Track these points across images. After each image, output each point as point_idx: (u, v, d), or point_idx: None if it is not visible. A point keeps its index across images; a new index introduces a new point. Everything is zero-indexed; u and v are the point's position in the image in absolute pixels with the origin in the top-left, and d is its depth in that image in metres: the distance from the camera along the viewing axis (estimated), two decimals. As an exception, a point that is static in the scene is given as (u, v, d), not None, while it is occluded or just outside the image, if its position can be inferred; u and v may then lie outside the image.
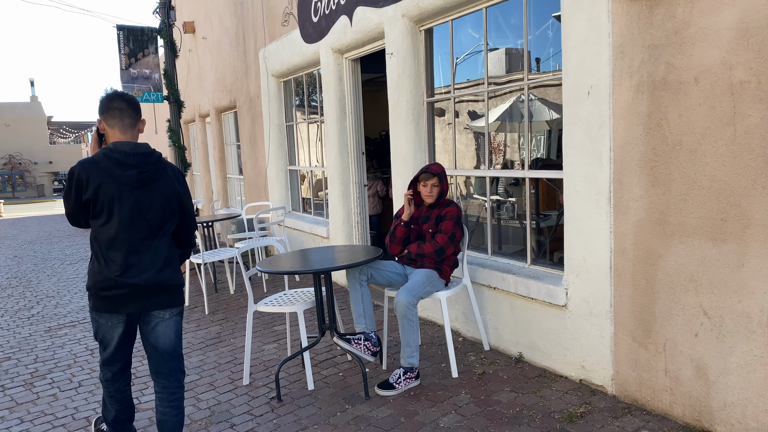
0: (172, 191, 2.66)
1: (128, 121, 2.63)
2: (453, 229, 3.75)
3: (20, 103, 43.32)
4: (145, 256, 2.60)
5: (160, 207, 2.63)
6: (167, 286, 2.65)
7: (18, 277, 8.89)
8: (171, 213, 2.67)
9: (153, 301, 2.63)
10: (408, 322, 3.48)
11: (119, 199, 2.55)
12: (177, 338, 2.76)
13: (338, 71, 6.08)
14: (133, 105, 2.66)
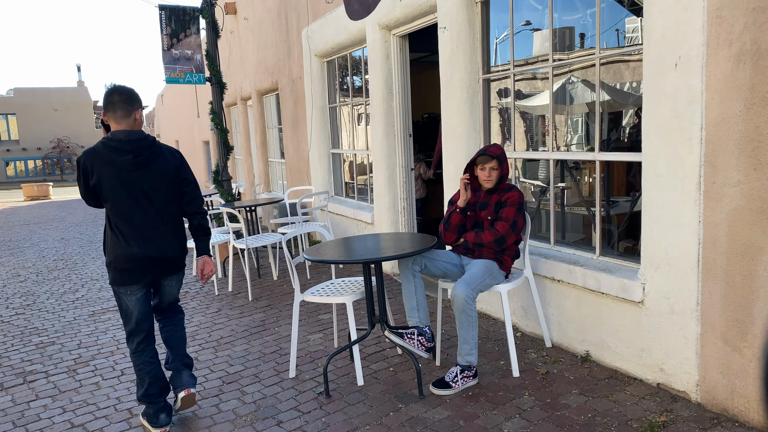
0: (168, 168, 3.02)
1: (121, 113, 2.93)
2: (515, 217, 3.45)
3: (68, 88, 44.37)
4: (154, 231, 3.00)
5: (160, 185, 3.00)
6: (176, 258, 3.11)
7: (64, 259, 8.96)
8: (169, 190, 3.05)
9: (164, 269, 3.09)
10: (466, 317, 3.21)
11: (120, 182, 2.92)
12: (178, 292, 3.32)
13: (385, 49, 5.79)
14: (126, 97, 2.95)
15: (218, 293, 6.02)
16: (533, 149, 4.22)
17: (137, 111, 2.99)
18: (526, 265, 3.68)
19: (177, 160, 3.08)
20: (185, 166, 3.13)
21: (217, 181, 7.90)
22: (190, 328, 4.92)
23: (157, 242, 3.01)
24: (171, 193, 3.06)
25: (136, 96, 3.01)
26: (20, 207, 21.00)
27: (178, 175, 3.07)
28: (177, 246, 3.11)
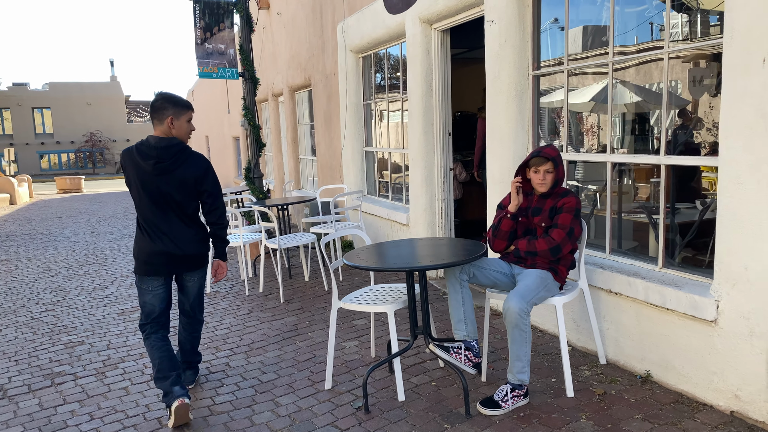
0: (188, 178, 3.20)
1: (156, 120, 3.21)
2: (571, 224, 3.20)
3: (100, 83, 45.04)
4: (170, 231, 3.23)
5: (176, 191, 3.19)
6: (192, 255, 3.31)
7: (95, 254, 8.93)
8: (187, 196, 3.23)
9: (184, 265, 3.32)
10: (520, 333, 2.97)
11: (143, 183, 3.18)
12: (202, 291, 3.52)
13: (425, 44, 5.55)
14: (159, 105, 3.19)
15: (249, 293, 5.86)
16: (587, 151, 3.94)
17: (169, 118, 3.18)
18: (581, 275, 3.42)
19: (200, 171, 3.22)
20: (208, 178, 3.26)
21: (248, 178, 7.76)
22: (221, 331, 4.76)
23: (176, 240, 3.24)
24: (190, 200, 3.25)
25: (169, 102, 3.19)
26: (53, 199, 21.29)
27: (198, 186, 3.24)
28: (197, 244, 3.31)
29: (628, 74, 3.57)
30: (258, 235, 6.12)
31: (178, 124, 3.22)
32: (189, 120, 3.29)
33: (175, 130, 3.21)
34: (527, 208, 3.36)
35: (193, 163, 3.21)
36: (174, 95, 3.26)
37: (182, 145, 3.20)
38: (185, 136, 3.27)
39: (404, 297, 3.40)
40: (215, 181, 3.29)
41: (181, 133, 3.24)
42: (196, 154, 3.25)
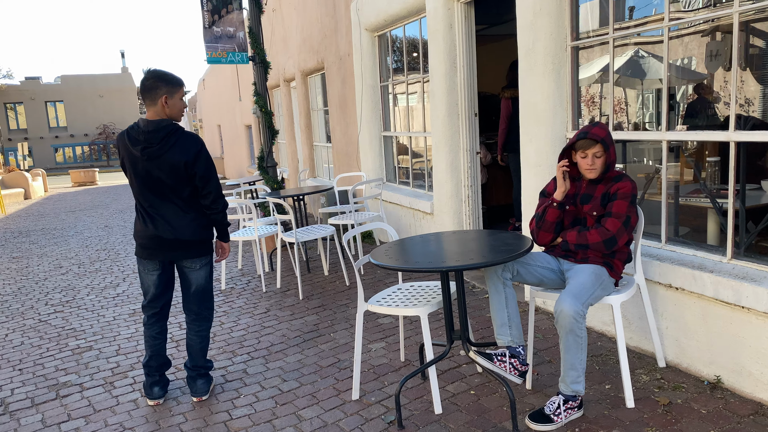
0: (177, 162, 3.00)
1: (148, 100, 3.02)
2: (627, 212, 2.81)
3: (112, 75, 44.95)
4: (164, 216, 3.10)
5: (167, 176, 3.03)
6: (187, 241, 3.14)
7: (107, 249, 8.68)
8: (179, 181, 3.06)
9: (177, 252, 3.16)
10: (575, 338, 2.60)
11: (134, 167, 3.06)
12: (206, 282, 3.31)
13: (448, 18, 5.14)
14: (151, 83, 2.99)
15: (266, 290, 5.54)
16: (636, 128, 3.54)
17: (163, 97, 2.99)
18: (637, 269, 3.03)
19: (190, 154, 3.02)
20: (200, 161, 3.06)
21: (261, 167, 7.42)
22: (237, 332, 4.45)
23: (170, 224, 3.10)
24: (183, 184, 3.07)
25: (162, 81, 2.99)
26: (68, 193, 21.19)
27: (189, 169, 3.04)
28: (192, 229, 3.14)
29: (685, 42, 3.15)
30: (274, 228, 5.79)
31: (173, 102, 3.03)
32: (182, 97, 3.10)
33: (168, 109, 3.03)
34: (575, 195, 2.98)
35: (182, 146, 3.02)
36: (165, 72, 3.04)
37: (172, 127, 3.01)
38: (179, 115, 3.10)
39: (438, 298, 3.04)
40: (208, 164, 3.09)
41: (174, 112, 3.06)
42: (188, 134, 3.06)
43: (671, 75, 3.24)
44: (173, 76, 3.04)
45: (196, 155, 3.04)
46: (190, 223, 3.13)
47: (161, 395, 3.34)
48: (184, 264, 3.22)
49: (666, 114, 3.23)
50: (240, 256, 6.56)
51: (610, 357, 3.37)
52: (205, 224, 3.20)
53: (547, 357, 3.45)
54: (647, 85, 3.51)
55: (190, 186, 3.10)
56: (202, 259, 3.24)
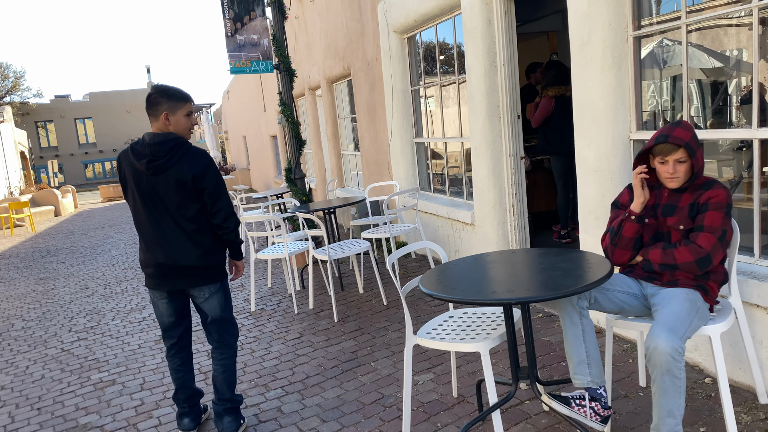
0: (184, 176, 2.78)
1: (151, 116, 2.85)
2: (722, 225, 2.38)
3: (139, 90, 45.46)
4: (168, 239, 2.85)
5: (174, 192, 2.80)
6: (193, 267, 2.88)
7: (134, 267, 8.45)
8: (186, 198, 2.82)
9: (184, 280, 2.90)
10: (672, 380, 2.17)
11: (137, 184, 2.84)
12: (222, 311, 3.02)
13: (486, 13, 4.74)
14: (152, 99, 2.82)
15: (298, 311, 5.20)
16: (717, 126, 3.09)
17: (164, 114, 2.83)
18: (732, 291, 2.59)
19: (198, 168, 2.81)
20: (209, 175, 2.84)
21: (289, 179, 7.10)
22: (270, 362, 4.10)
23: (168, 249, 2.87)
24: (189, 201, 2.84)
25: (164, 96, 2.84)
26: (97, 209, 21.27)
27: (197, 184, 2.83)
28: (194, 254, 2.88)
29: None
30: (304, 245, 5.44)
31: (175, 119, 2.86)
32: (188, 114, 2.91)
33: (171, 126, 2.86)
34: (654, 206, 2.56)
35: (190, 160, 2.82)
36: (169, 87, 2.89)
37: (178, 140, 2.83)
38: (185, 132, 2.92)
39: (499, 329, 2.64)
40: (217, 179, 2.87)
41: (179, 128, 2.89)
42: (196, 149, 2.87)
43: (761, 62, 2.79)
44: (177, 91, 2.87)
45: (205, 169, 2.83)
46: (195, 247, 2.88)
47: (192, 427, 3.15)
48: (192, 293, 2.98)
49: (757, 109, 2.78)
50: (270, 274, 6.23)
51: (698, 391, 2.92)
52: (211, 248, 2.93)
53: (622, 390, 3.02)
54: (720, 75, 3.07)
55: (198, 203, 2.86)
56: (210, 287, 2.97)
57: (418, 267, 6.15)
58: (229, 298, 3.05)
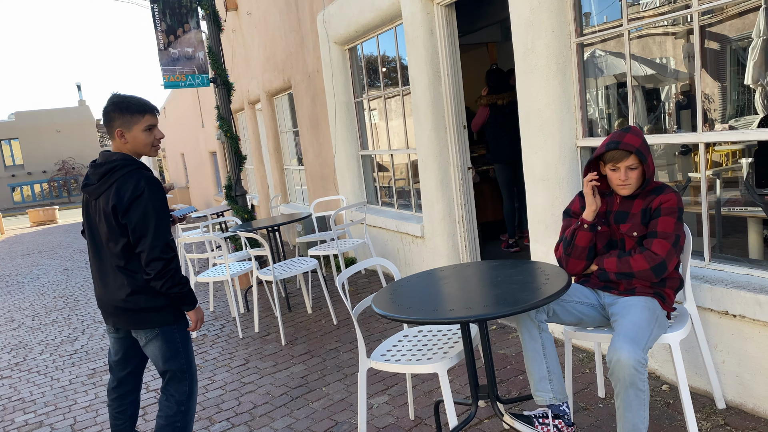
0: (107, 209, 2.40)
1: (108, 133, 2.49)
2: (675, 230, 2.34)
3: (69, 108, 43.64)
4: (101, 271, 2.53)
5: (102, 224, 2.45)
6: (124, 308, 2.48)
7: (65, 296, 7.94)
8: (112, 232, 2.43)
9: (119, 319, 2.53)
10: (636, 393, 2.10)
11: (85, 209, 2.56)
12: (165, 362, 2.54)
13: (428, 22, 4.68)
14: (105, 113, 2.47)
15: (243, 335, 4.94)
16: (659, 131, 3.10)
17: (118, 129, 2.44)
18: (687, 296, 2.56)
19: (122, 199, 2.36)
20: (133, 209, 2.35)
21: (230, 197, 6.84)
22: (213, 392, 3.85)
23: (101, 283, 2.54)
24: (115, 234, 2.42)
25: (116, 110, 2.43)
26: (25, 234, 20.12)
27: (121, 218, 2.37)
28: (120, 293, 2.46)
29: (726, 27, 2.72)
30: (247, 265, 5.20)
31: (132, 135, 2.45)
32: (148, 128, 2.47)
33: (129, 144, 2.46)
34: (607, 213, 2.50)
35: (118, 188, 2.37)
36: (125, 98, 2.45)
37: (116, 163, 2.40)
38: (146, 149, 2.50)
39: (456, 347, 2.52)
40: (144, 214, 2.35)
41: (137, 146, 2.47)
42: (132, 176, 2.39)
43: (705, 67, 2.81)
44: (132, 103, 2.44)
45: (129, 200, 2.35)
46: (122, 286, 2.44)
47: None
48: (134, 335, 2.56)
49: (701, 113, 2.79)
50: (212, 297, 5.93)
51: (657, 399, 2.88)
52: (142, 288, 2.44)
53: (582, 403, 2.95)
54: (662, 81, 3.08)
55: (125, 237, 2.40)
56: (147, 332, 2.49)
57: (369, 283, 6.00)
58: (174, 348, 2.53)
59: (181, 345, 2.55)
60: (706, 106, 2.85)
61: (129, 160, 2.44)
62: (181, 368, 2.56)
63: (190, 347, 2.59)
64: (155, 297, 2.46)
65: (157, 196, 2.40)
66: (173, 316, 2.52)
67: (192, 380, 2.60)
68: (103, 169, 2.41)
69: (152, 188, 2.39)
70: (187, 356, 2.57)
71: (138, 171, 2.42)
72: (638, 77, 3.20)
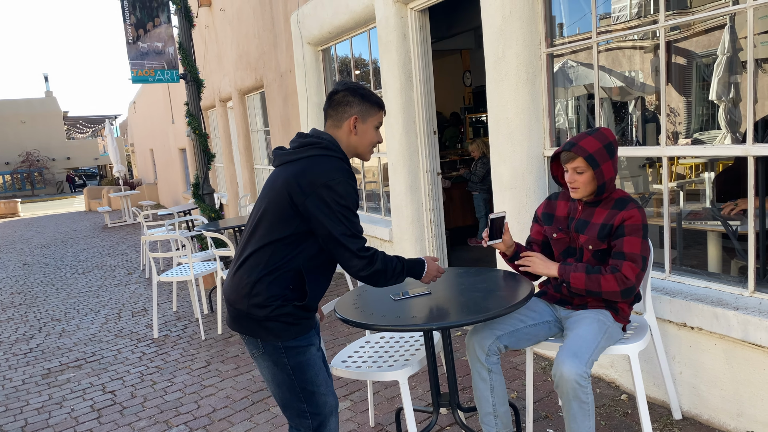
0: (284, 183, 1.92)
1: (329, 120, 2.09)
2: (642, 252, 2.28)
3: (35, 99, 42.53)
4: (235, 264, 2.01)
5: (270, 200, 1.95)
6: (237, 310, 1.96)
7: (23, 292, 7.70)
8: (280, 215, 1.92)
9: (234, 323, 1.99)
10: (580, 405, 2.10)
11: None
12: (277, 387, 1.99)
13: (401, 27, 4.68)
14: (329, 101, 2.08)
15: (205, 336, 4.85)
16: (625, 144, 3.14)
17: (355, 117, 2.05)
18: (647, 308, 2.59)
19: (304, 181, 1.90)
20: (317, 195, 1.88)
21: (197, 195, 6.72)
22: (172, 394, 3.76)
23: (229, 277, 2.04)
24: (277, 219, 1.93)
25: (358, 96, 2.06)
26: (-16, 227, 19.50)
27: (293, 203, 1.90)
28: (241, 293, 1.94)
29: (693, 43, 2.77)
30: (212, 265, 5.12)
31: (364, 128, 2.08)
32: (378, 125, 2.13)
33: (357, 137, 2.08)
34: (568, 219, 2.48)
35: (306, 167, 1.96)
36: (364, 87, 2.11)
37: (323, 142, 2.00)
38: (369, 149, 2.13)
39: (417, 354, 2.50)
40: (330, 206, 1.91)
41: (364, 141, 2.11)
42: (332, 160, 1.99)
43: (672, 82, 2.86)
44: (373, 94, 2.11)
45: (311, 185, 1.89)
46: (249, 283, 1.93)
47: None
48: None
49: (665, 126, 2.83)
50: (175, 297, 5.82)
51: (615, 409, 2.91)
52: (264, 291, 1.90)
53: (542, 411, 2.96)
54: (628, 94, 3.13)
55: (286, 224, 1.92)
56: (255, 343, 1.97)
57: (336, 286, 5.96)
58: (294, 372, 1.97)
59: (301, 369, 2.06)
60: (671, 120, 2.89)
61: (331, 143, 2.02)
62: (297, 395, 2.04)
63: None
64: (271, 303, 1.98)
65: (346, 184, 1.96)
66: (286, 330, 2.01)
67: (315, 419, 2.04)
68: (307, 140, 2.01)
69: (342, 176, 1.95)
70: (311, 387, 2.06)
71: (335, 157, 2.01)
72: (606, 89, 3.24)
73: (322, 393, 1.99)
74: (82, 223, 17.17)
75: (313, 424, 1.98)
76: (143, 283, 7.34)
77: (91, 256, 10.23)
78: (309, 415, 1.98)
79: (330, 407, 2.01)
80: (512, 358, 3.67)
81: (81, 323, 5.76)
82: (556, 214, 2.52)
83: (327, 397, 2.00)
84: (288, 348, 1.94)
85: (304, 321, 1.96)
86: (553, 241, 2.51)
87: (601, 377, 3.25)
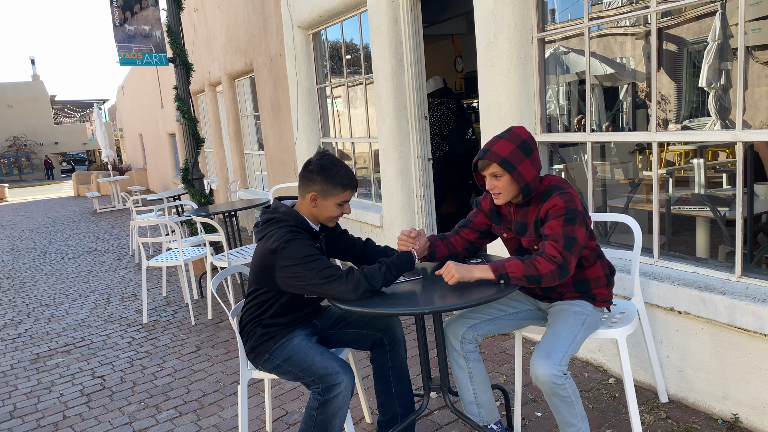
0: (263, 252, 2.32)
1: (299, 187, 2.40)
2: (564, 231, 2.17)
3: (22, 83, 41.96)
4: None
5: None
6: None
7: (11, 277, 7.65)
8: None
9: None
10: (560, 399, 2.11)
11: None
12: (284, 375, 2.38)
13: (392, 11, 4.64)
14: (304, 171, 2.35)
15: (195, 322, 4.85)
16: (616, 129, 3.15)
17: (313, 194, 2.33)
18: (636, 293, 2.61)
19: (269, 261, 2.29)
20: (280, 266, 2.25)
21: (186, 180, 6.68)
22: (162, 379, 3.76)
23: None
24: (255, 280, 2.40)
25: (322, 175, 2.31)
26: (-29, 212, 19.30)
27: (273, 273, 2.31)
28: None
29: (684, 30, 2.77)
30: (202, 250, 5.10)
31: (324, 204, 2.34)
32: (342, 203, 2.35)
33: (316, 210, 2.35)
34: (509, 222, 2.42)
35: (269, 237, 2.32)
36: (335, 165, 2.31)
37: (273, 216, 2.34)
38: (329, 221, 2.41)
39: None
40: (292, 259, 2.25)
41: (322, 215, 2.37)
42: (277, 227, 2.31)
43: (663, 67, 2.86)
44: (340, 174, 2.30)
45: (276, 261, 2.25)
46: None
47: None
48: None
49: (654, 112, 2.84)
50: (164, 282, 5.80)
51: (603, 392, 2.94)
52: (255, 327, 2.43)
53: (531, 395, 2.99)
54: (619, 80, 3.13)
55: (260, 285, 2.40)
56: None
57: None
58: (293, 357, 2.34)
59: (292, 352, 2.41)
60: (662, 107, 2.90)
61: (282, 216, 2.31)
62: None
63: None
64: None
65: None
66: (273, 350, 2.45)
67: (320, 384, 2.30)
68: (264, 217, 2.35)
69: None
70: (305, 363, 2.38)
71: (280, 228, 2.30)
72: (598, 75, 3.24)
73: (317, 363, 2.26)
74: (71, 208, 17.04)
75: (320, 388, 2.24)
76: (132, 269, 7.31)
77: (79, 242, 10.16)
78: (314, 382, 2.26)
79: (330, 369, 2.23)
80: (501, 342, 3.69)
81: (70, 308, 5.73)
82: (502, 212, 2.44)
83: (325, 362, 2.25)
84: (273, 352, 2.35)
85: (276, 330, 2.37)
86: (504, 240, 2.44)
87: (589, 361, 3.28)
